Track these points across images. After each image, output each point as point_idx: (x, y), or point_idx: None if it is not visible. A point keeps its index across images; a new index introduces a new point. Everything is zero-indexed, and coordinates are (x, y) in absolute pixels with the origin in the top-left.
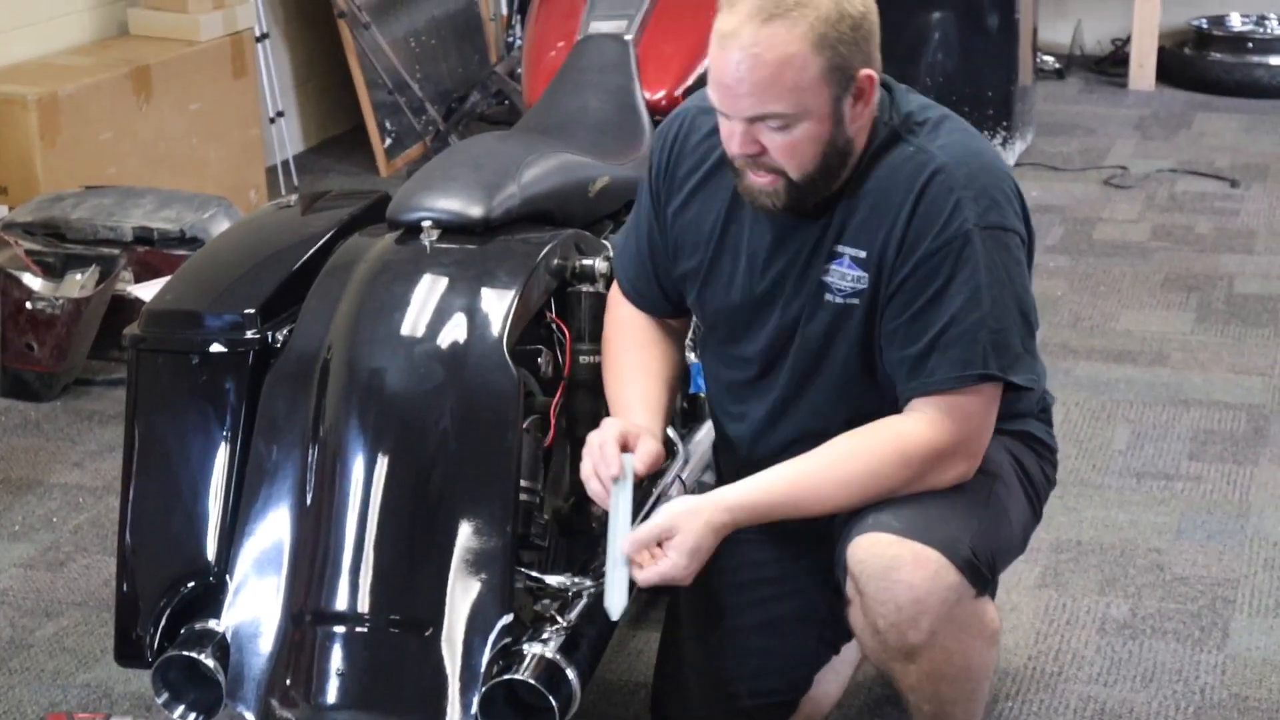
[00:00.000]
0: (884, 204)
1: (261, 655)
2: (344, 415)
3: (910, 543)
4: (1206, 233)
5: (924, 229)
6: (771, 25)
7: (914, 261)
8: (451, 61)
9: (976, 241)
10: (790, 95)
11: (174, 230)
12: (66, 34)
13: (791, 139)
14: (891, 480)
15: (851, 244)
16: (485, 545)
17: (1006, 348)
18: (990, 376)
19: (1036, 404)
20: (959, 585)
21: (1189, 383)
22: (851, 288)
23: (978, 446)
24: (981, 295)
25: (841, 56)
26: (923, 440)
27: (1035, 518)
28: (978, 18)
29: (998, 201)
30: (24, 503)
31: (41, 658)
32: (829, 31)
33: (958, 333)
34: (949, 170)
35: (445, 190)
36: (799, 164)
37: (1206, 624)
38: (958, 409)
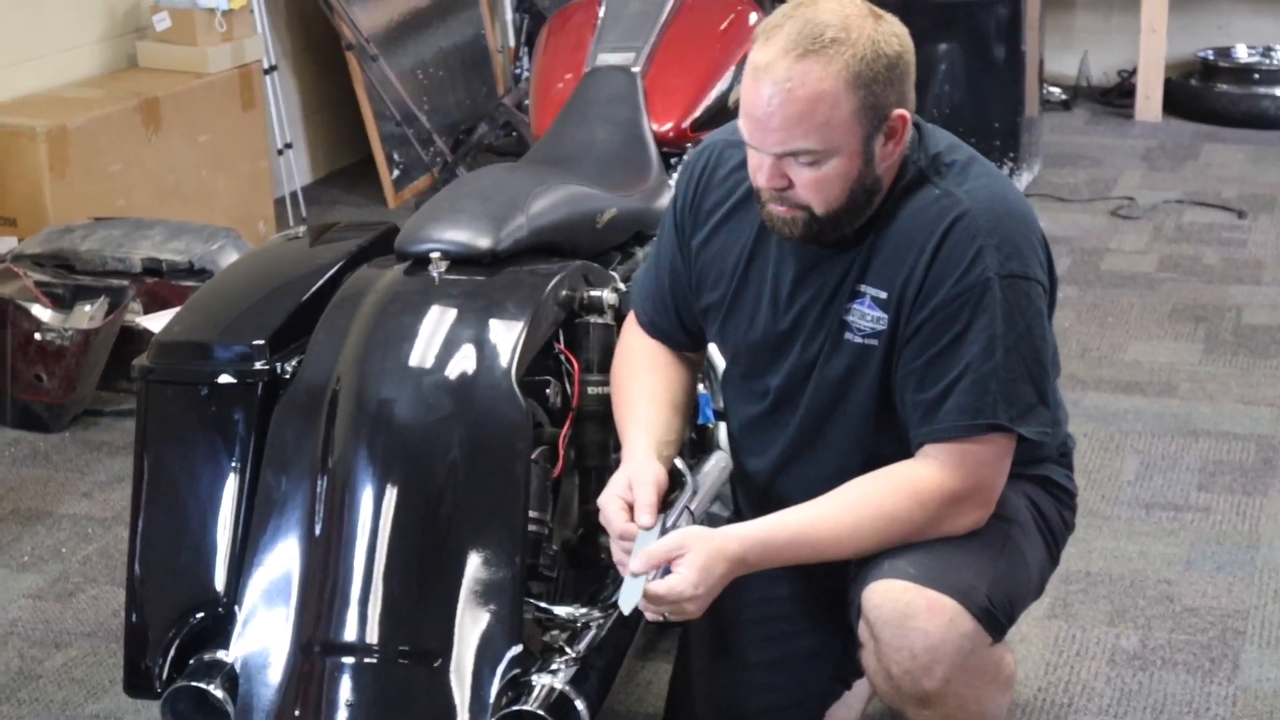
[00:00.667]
0: (906, 246)
1: (270, 686)
2: (353, 446)
3: (926, 590)
4: (1214, 263)
5: (944, 274)
6: (806, 61)
7: (932, 306)
8: (459, 93)
9: (996, 290)
10: (821, 132)
11: (183, 261)
12: (76, 66)
13: (820, 175)
14: (905, 525)
15: (873, 284)
16: (494, 576)
17: (1017, 398)
18: (999, 427)
19: (1057, 448)
20: (974, 633)
21: (1197, 413)
22: (871, 328)
23: (991, 494)
24: (996, 345)
25: (875, 95)
26: (937, 486)
27: (1052, 562)
28: (984, 49)
29: (1020, 250)
30: (33, 533)
31: (50, 688)
32: (864, 70)
33: (970, 381)
34: (972, 216)
35: (453, 222)
36: (824, 200)
37: (1217, 655)
38: (969, 457)
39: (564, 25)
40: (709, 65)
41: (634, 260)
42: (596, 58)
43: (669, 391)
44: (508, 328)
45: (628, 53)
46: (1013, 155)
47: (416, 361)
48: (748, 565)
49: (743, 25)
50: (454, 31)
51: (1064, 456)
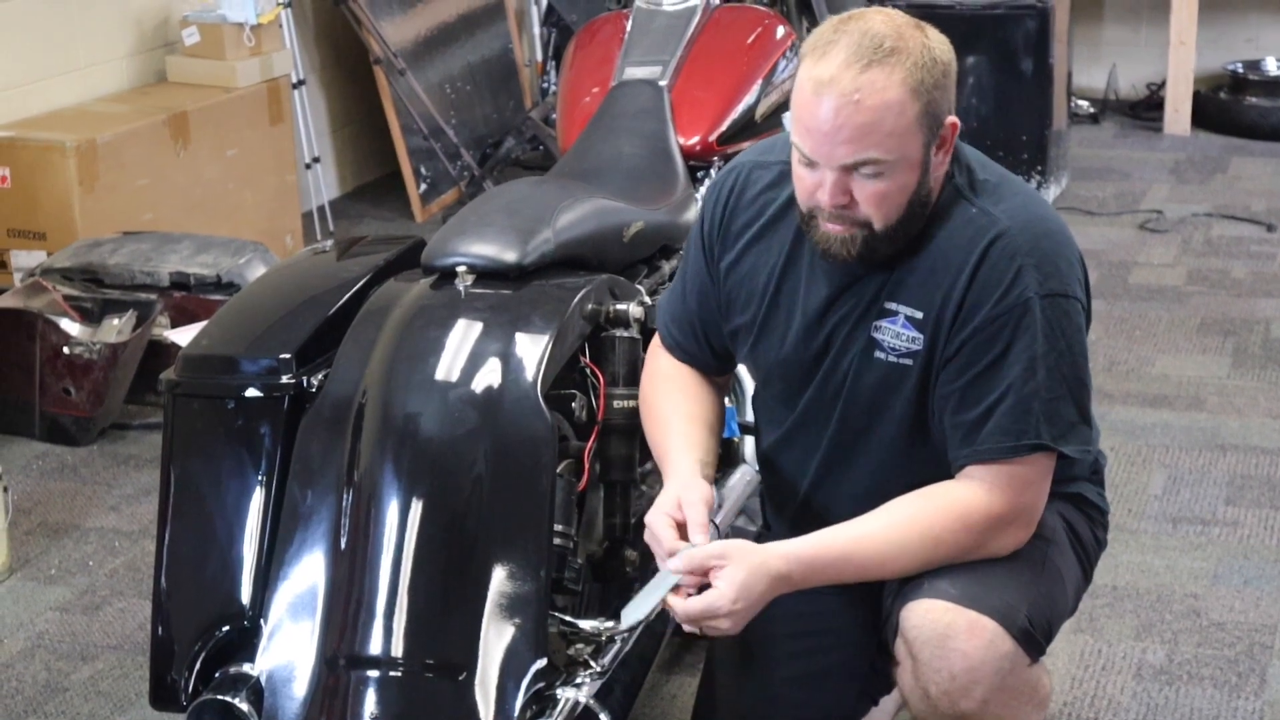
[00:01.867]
0: (943, 265)
1: (296, 699)
2: (379, 460)
3: (966, 611)
4: (1243, 277)
5: (984, 295)
6: (871, 71)
7: (973, 327)
8: (486, 107)
9: (1036, 310)
10: (889, 141)
11: (210, 275)
12: (105, 81)
13: (884, 187)
14: (951, 547)
15: (907, 303)
16: (519, 590)
17: (1059, 418)
18: (1043, 446)
19: (1089, 466)
20: (1013, 654)
21: (1225, 427)
22: (906, 348)
23: (1033, 515)
24: (1038, 365)
25: (934, 103)
26: (982, 507)
27: (1086, 580)
28: (1012, 62)
29: (1059, 269)
30: (60, 546)
31: (77, 701)
32: (925, 78)
33: (1013, 402)
34: (1011, 236)
35: (480, 236)
36: (885, 214)
37: (1244, 670)
38: (1014, 478)
39: (591, 39)
40: (736, 79)
41: (660, 274)
42: (623, 71)
43: (704, 412)
44: (533, 341)
45: (655, 66)
46: (1040, 168)
47: (442, 375)
48: (791, 584)
49: (769, 39)
50: (481, 45)
51: (1095, 474)
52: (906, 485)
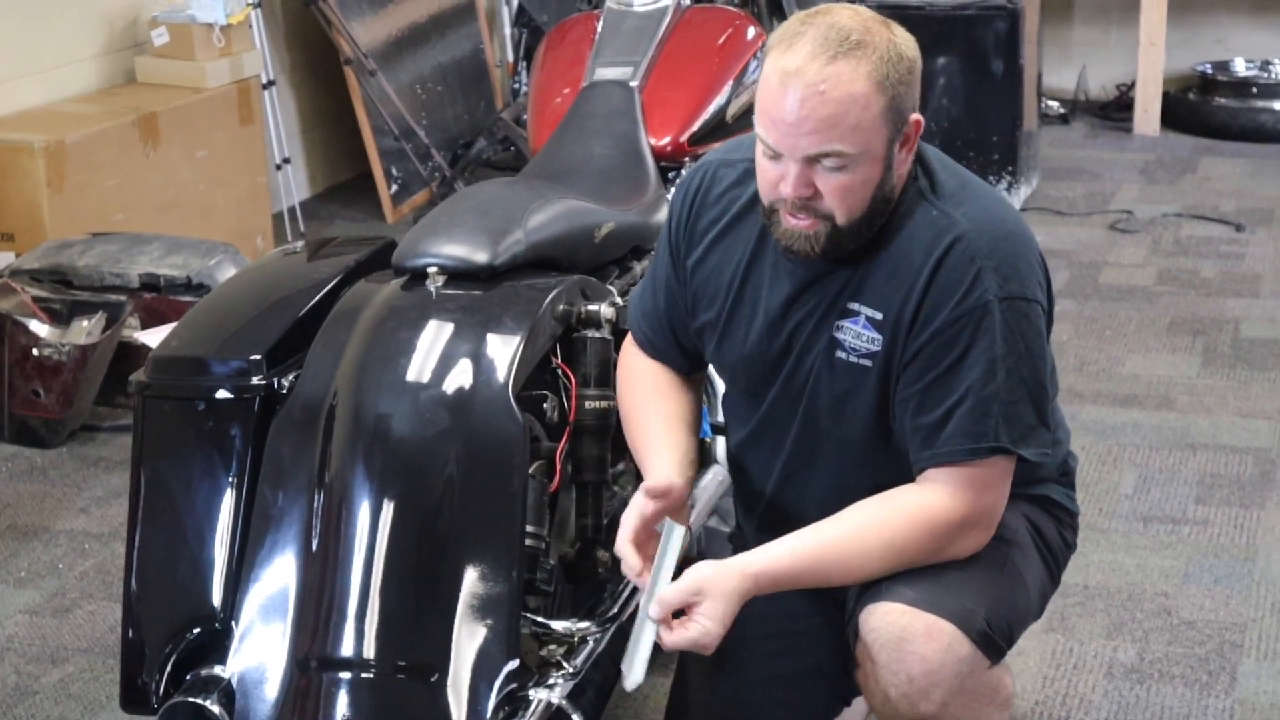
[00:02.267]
0: (903, 267)
1: (267, 701)
2: (350, 461)
3: (923, 614)
4: (1212, 277)
5: (943, 298)
6: (837, 63)
7: (932, 330)
8: (458, 108)
9: (996, 313)
10: (853, 134)
11: (180, 277)
12: (74, 81)
13: (847, 181)
14: (914, 552)
15: (868, 304)
16: (491, 591)
17: (1018, 420)
18: (1001, 449)
19: (1058, 468)
20: (972, 657)
21: (1195, 427)
22: (866, 348)
23: (994, 517)
24: (997, 367)
25: (899, 98)
26: (943, 512)
27: (1053, 583)
28: (982, 63)
29: (1019, 271)
30: (30, 549)
31: (47, 704)
32: (890, 72)
33: (971, 404)
34: (970, 238)
35: (451, 236)
36: (848, 208)
37: (1214, 668)
38: (974, 480)
39: (562, 40)
40: (707, 80)
41: (631, 275)
42: (594, 72)
43: (681, 411)
44: (505, 342)
45: (625, 67)
46: (1011, 169)
47: (414, 376)
48: (758, 592)
49: (740, 40)
50: (452, 46)
51: (1065, 476)
52: (870, 487)
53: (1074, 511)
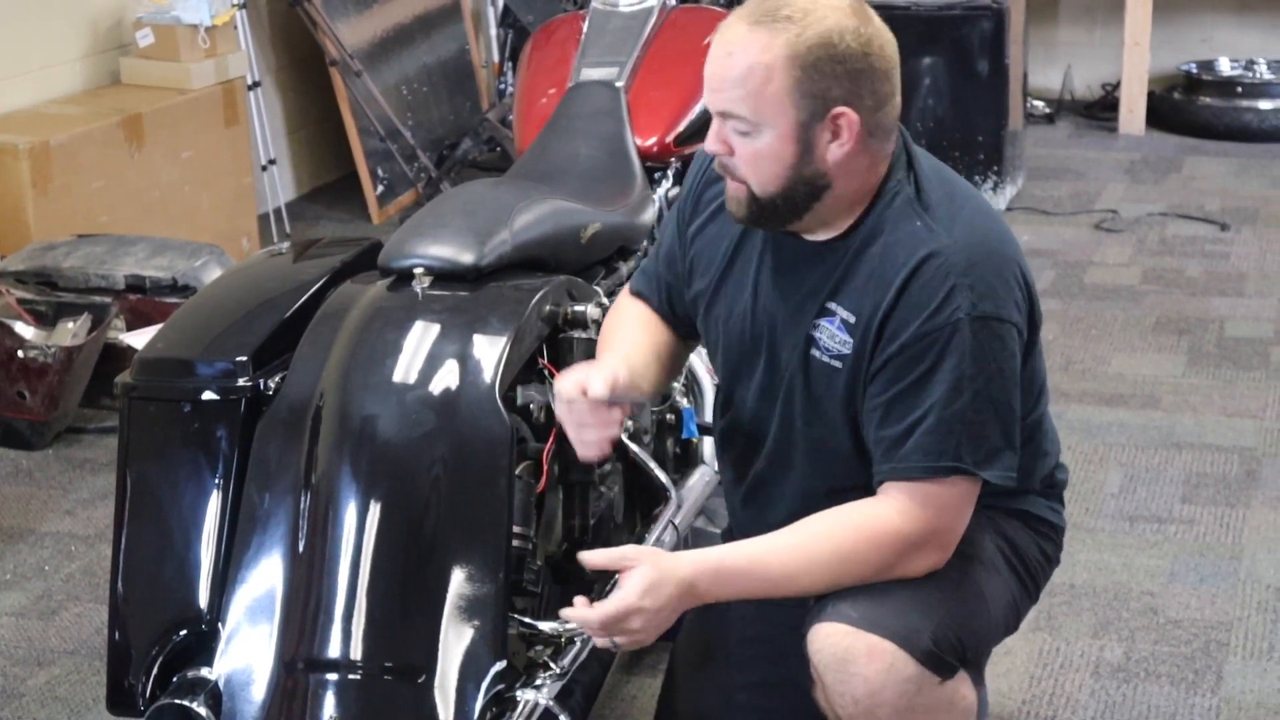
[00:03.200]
0: (880, 274)
1: (254, 703)
2: (336, 462)
3: (865, 635)
4: (1197, 276)
5: (913, 312)
6: (756, 30)
7: (900, 342)
8: (443, 108)
9: (966, 331)
10: (751, 101)
11: (166, 278)
12: (59, 83)
13: (754, 149)
14: (862, 565)
15: (844, 305)
16: (478, 592)
17: (982, 442)
18: (962, 470)
19: (1040, 480)
20: (917, 676)
21: (1181, 426)
22: (837, 350)
23: (950, 538)
24: (964, 386)
25: (814, 82)
26: (893, 528)
27: (1029, 597)
28: (968, 63)
29: (995, 290)
30: (15, 551)
31: (34, 707)
32: (805, 54)
33: (934, 421)
34: (948, 254)
35: (437, 237)
36: (760, 179)
37: (1200, 667)
38: (931, 498)
39: (548, 40)
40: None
41: (618, 275)
42: (580, 73)
43: (653, 342)
44: (491, 343)
45: (611, 68)
46: (996, 169)
47: (400, 377)
48: (697, 592)
49: None
50: (438, 47)
51: (1051, 489)
52: (841, 492)
53: (1057, 525)
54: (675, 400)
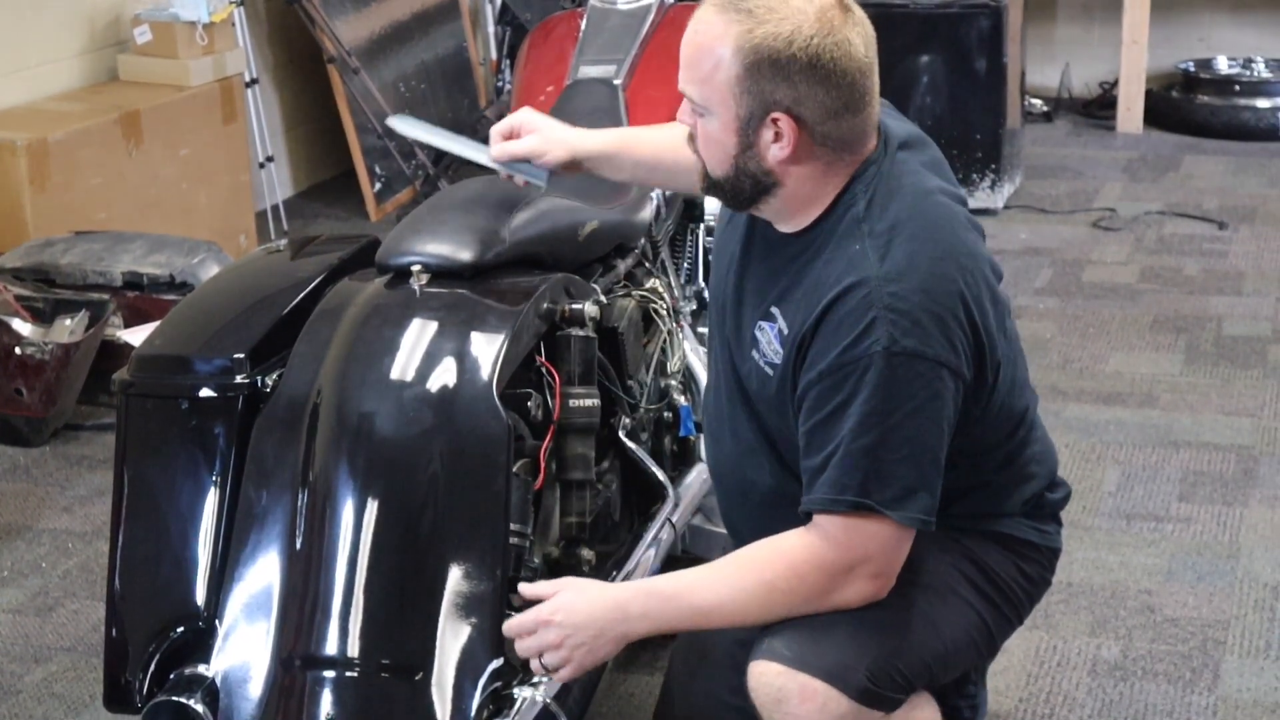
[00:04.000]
0: (814, 291)
1: (251, 700)
2: (333, 460)
3: (797, 674)
4: (1195, 274)
5: (833, 339)
6: (718, 16)
7: (819, 370)
8: (441, 106)
9: (880, 365)
10: (702, 85)
11: (163, 275)
12: (57, 80)
13: (705, 130)
14: (786, 595)
15: (783, 314)
16: (475, 589)
17: (891, 480)
18: (866, 506)
19: (1024, 503)
20: (852, 713)
21: (1178, 424)
22: (770, 357)
23: (880, 568)
24: (872, 423)
25: (758, 81)
26: (812, 557)
27: (1005, 619)
28: (966, 61)
29: (921, 325)
30: (13, 548)
31: (30, 703)
32: (751, 52)
33: (841, 455)
34: (874, 285)
35: (435, 235)
36: (710, 160)
37: (1197, 665)
38: (846, 530)
39: (546, 38)
40: None
41: (615, 273)
42: (578, 70)
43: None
44: (489, 341)
45: (609, 65)
46: (994, 167)
47: (397, 375)
48: (628, 613)
49: None
50: (436, 44)
51: (1039, 509)
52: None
53: (1043, 546)
54: (673, 398)
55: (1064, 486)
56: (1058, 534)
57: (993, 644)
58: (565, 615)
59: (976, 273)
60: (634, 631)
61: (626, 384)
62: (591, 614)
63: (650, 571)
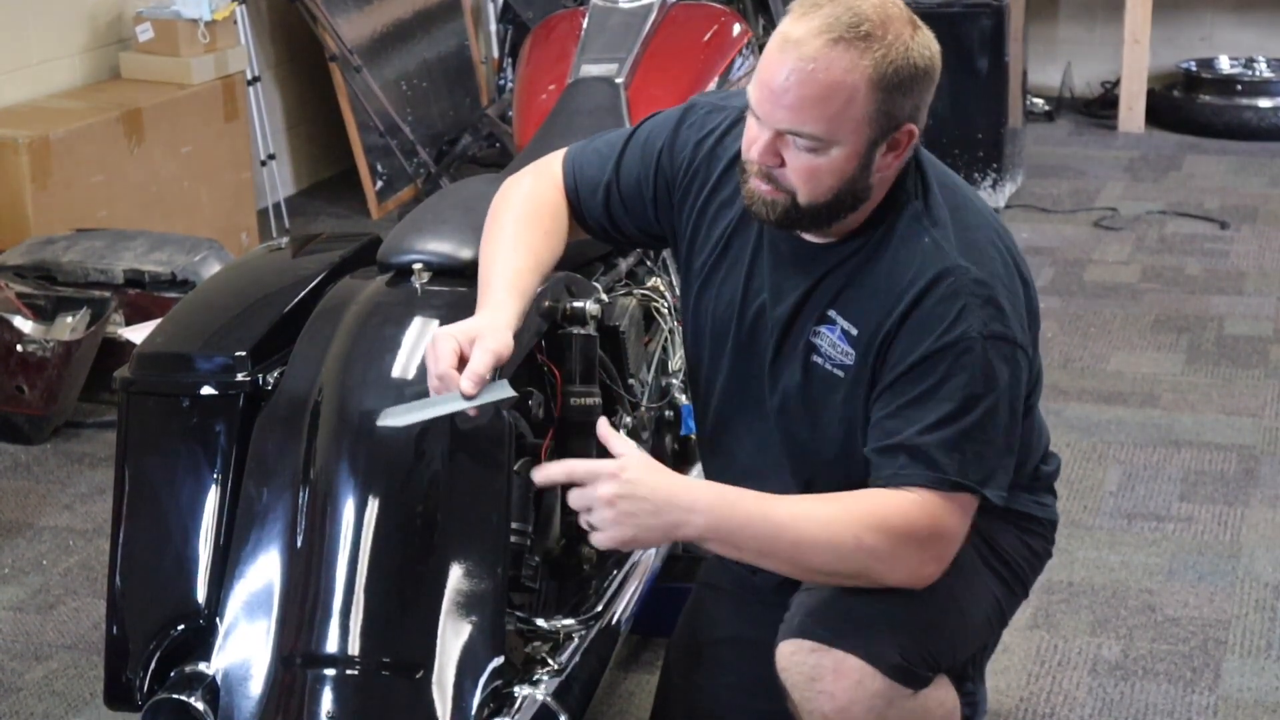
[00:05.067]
0: (887, 289)
1: (251, 698)
2: (334, 458)
3: (832, 651)
4: (1196, 274)
5: (924, 331)
6: (838, 48)
7: (910, 361)
8: (443, 104)
9: (978, 349)
10: (831, 122)
11: (165, 273)
12: (58, 77)
13: (815, 164)
14: (862, 541)
15: (846, 316)
16: (476, 588)
17: (985, 461)
18: (964, 486)
19: (1026, 476)
20: (886, 691)
21: (1179, 424)
22: (839, 359)
23: (946, 548)
24: (972, 405)
25: (894, 103)
26: (906, 517)
27: (1014, 595)
28: (968, 60)
29: (1003, 310)
30: (14, 545)
31: (31, 701)
32: (890, 74)
33: (940, 437)
34: (959, 274)
35: (436, 233)
36: (811, 190)
37: (1198, 665)
38: (942, 505)
39: (548, 36)
40: (692, 76)
41: (616, 271)
42: (580, 69)
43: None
44: None
45: (611, 64)
46: (996, 166)
47: (399, 373)
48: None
49: (726, 36)
50: (438, 42)
51: (1037, 482)
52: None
53: (1043, 519)
54: (674, 396)
55: (1055, 458)
56: (1054, 505)
57: (1003, 619)
58: (631, 474)
59: (1019, 254)
60: (690, 524)
61: (628, 382)
62: (657, 486)
63: (651, 570)
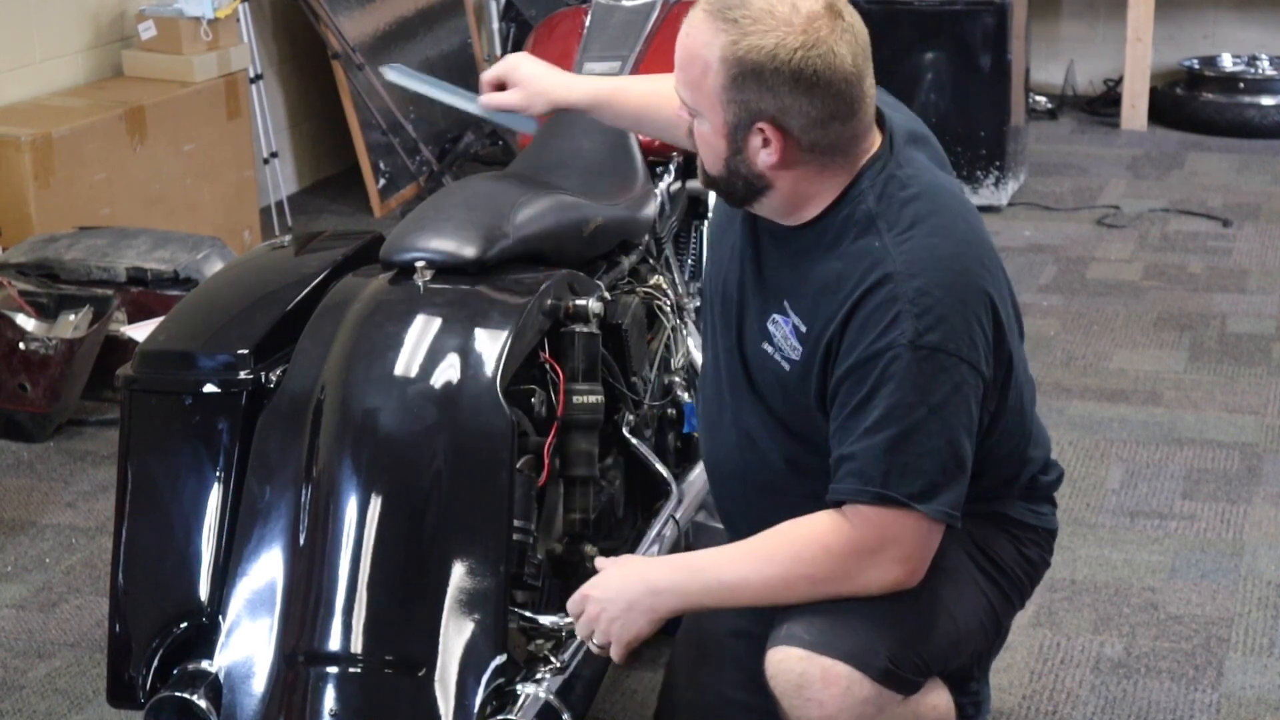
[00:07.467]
0: (834, 290)
1: (254, 696)
2: (337, 455)
3: (819, 658)
4: (1199, 272)
5: (860, 334)
6: (709, 21)
7: (847, 365)
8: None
9: (906, 358)
10: (691, 89)
11: (168, 271)
12: (61, 75)
13: (699, 131)
14: (814, 574)
15: (798, 312)
16: (478, 585)
17: (918, 475)
18: (890, 499)
19: (1022, 482)
20: (875, 697)
21: (1182, 422)
22: (788, 353)
23: (908, 554)
24: (897, 416)
25: (743, 90)
26: (840, 537)
27: (1010, 603)
28: (970, 58)
29: (944, 320)
30: (16, 543)
31: (34, 699)
32: (736, 64)
33: (866, 447)
34: (899, 280)
35: (439, 231)
36: (705, 160)
37: (1201, 663)
38: (873, 519)
39: (550, 34)
40: None
41: (619, 269)
42: (582, 67)
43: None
44: (492, 337)
45: (613, 62)
46: (998, 164)
47: (401, 371)
48: (656, 588)
49: None
50: (440, 40)
51: (1034, 491)
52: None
53: (1039, 527)
54: (677, 394)
55: (1056, 468)
56: (1053, 515)
57: (999, 627)
58: (600, 590)
59: (996, 268)
60: (662, 605)
61: (630, 380)
62: (622, 587)
63: None
